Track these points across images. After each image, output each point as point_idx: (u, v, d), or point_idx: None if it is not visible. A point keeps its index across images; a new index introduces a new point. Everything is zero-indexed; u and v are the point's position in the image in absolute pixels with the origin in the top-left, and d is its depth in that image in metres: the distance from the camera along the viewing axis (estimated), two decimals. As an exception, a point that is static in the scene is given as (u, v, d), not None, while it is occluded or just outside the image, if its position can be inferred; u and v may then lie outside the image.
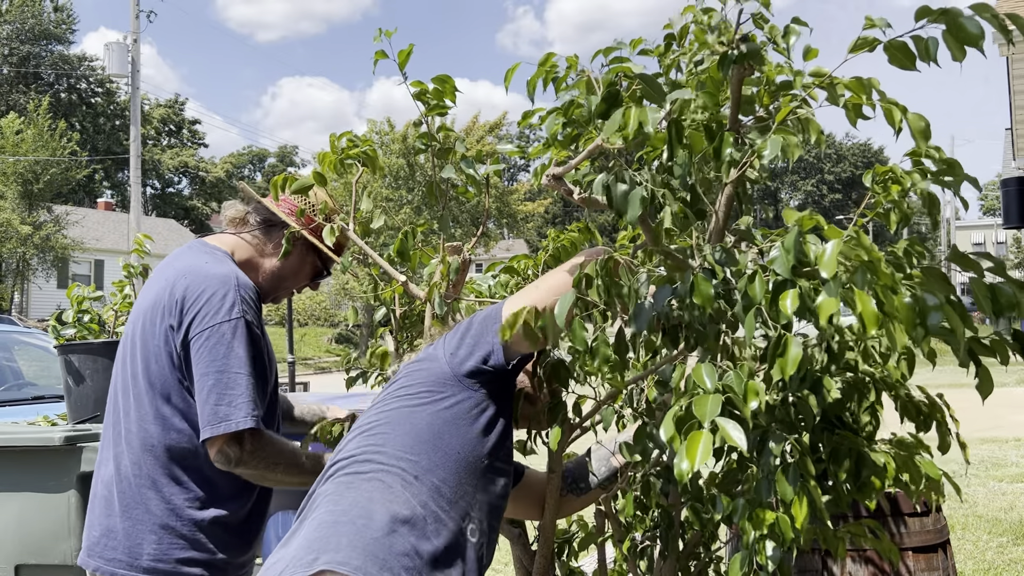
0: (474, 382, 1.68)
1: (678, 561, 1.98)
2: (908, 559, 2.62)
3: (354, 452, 1.64)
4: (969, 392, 1.50)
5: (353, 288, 29.70)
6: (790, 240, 1.34)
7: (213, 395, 1.88)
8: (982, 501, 6.94)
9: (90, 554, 2.00)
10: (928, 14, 1.28)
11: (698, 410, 1.34)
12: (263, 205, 2.19)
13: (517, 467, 1.97)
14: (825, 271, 1.25)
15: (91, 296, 3.26)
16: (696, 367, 1.42)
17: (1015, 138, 13.24)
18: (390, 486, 1.55)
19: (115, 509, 1.98)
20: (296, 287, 2.26)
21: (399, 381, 1.74)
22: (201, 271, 1.99)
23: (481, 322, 1.73)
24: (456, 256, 2.07)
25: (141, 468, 1.96)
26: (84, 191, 48.11)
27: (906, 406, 1.79)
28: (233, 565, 2.03)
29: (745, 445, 1.31)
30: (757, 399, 1.36)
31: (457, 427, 1.64)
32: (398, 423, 1.65)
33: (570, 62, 1.61)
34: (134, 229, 22.98)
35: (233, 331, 1.92)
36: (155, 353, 1.97)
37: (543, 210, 37.40)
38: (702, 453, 1.30)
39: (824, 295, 1.27)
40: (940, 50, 1.31)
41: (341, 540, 1.46)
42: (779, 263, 1.33)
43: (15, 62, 48.00)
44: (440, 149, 2.07)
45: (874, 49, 1.38)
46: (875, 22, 1.36)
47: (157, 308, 1.98)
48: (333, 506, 1.55)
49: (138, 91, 23.92)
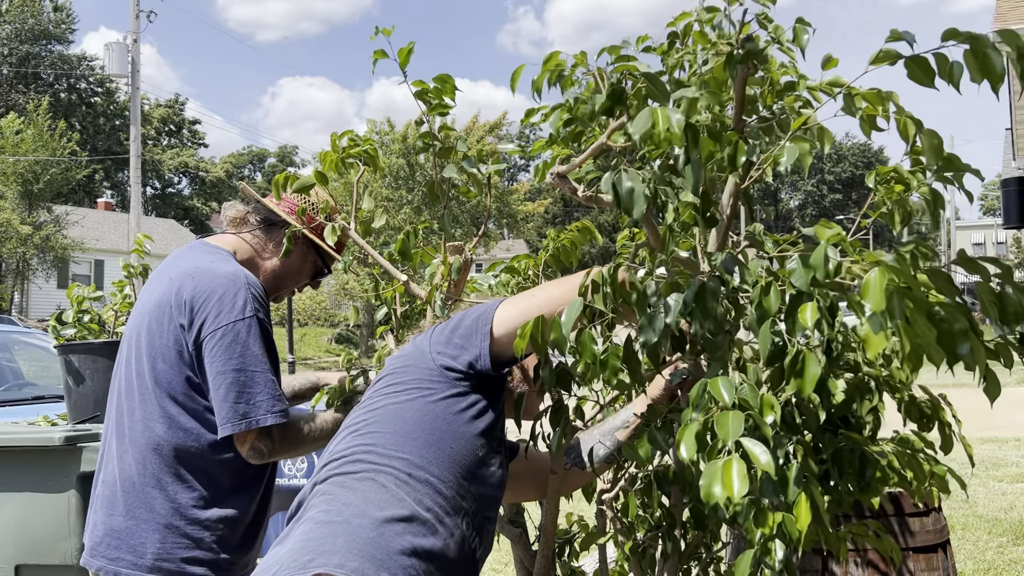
0: (461, 377, 1.68)
1: (680, 561, 1.98)
2: (908, 559, 2.62)
3: (344, 452, 1.63)
4: (970, 392, 1.50)
5: (353, 288, 29.70)
6: (819, 256, 1.31)
7: (232, 393, 1.91)
8: (982, 501, 6.93)
9: (93, 554, 2.00)
10: (956, 36, 1.26)
11: (720, 429, 1.32)
12: (263, 205, 2.20)
13: (511, 445, 1.96)
14: (872, 303, 1.19)
15: (91, 296, 3.26)
16: (713, 381, 1.40)
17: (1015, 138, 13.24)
18: (384, 485, 1.54)
19: (119, 509, 1.98)
20: (297, 286, 2.28)
21: (385, 378, 1.74)
22: (208, 270, 2.00)
23: (472, 323, 1.71)
24: (458, 256, 2.07)
25: (146, 467, 1.96)
26: (84, 191, 48.07)
27: (908, 406, 1.79)
28: (236, 564, 2.03)
29: (772, 468, 1.30)
30: (774, 413, 1.34)
31: (447, 422, 1.64)
32: (387, 421, 1.64)
33: (578, 59, 1.61)
34: (134, 229, 22.97)
35: (248, 329, 1.94)
36: (162, 352, 1.97)
37: (543, 210, 37.42)
38: (739, 483, 1.28)
39: (869, 328, 1.20)
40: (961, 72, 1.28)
41: (337, 541, 1.44)
42: (797, 276, 1.31)
43: (15, 62, 47.99)
44: (441, 149, 2.07)
45: (895, 63, 1.36)
46: (900, 35, 1.34)
47: (164, 308, 1.99)
48: (327, 506, 1.53)
49: (138, 91, 23.92)
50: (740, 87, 1.54)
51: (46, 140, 30.11)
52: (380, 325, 2.34)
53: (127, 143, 37.67)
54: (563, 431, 1.80)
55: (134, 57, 23.71)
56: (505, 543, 2.13)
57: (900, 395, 1.77)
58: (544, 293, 1.71)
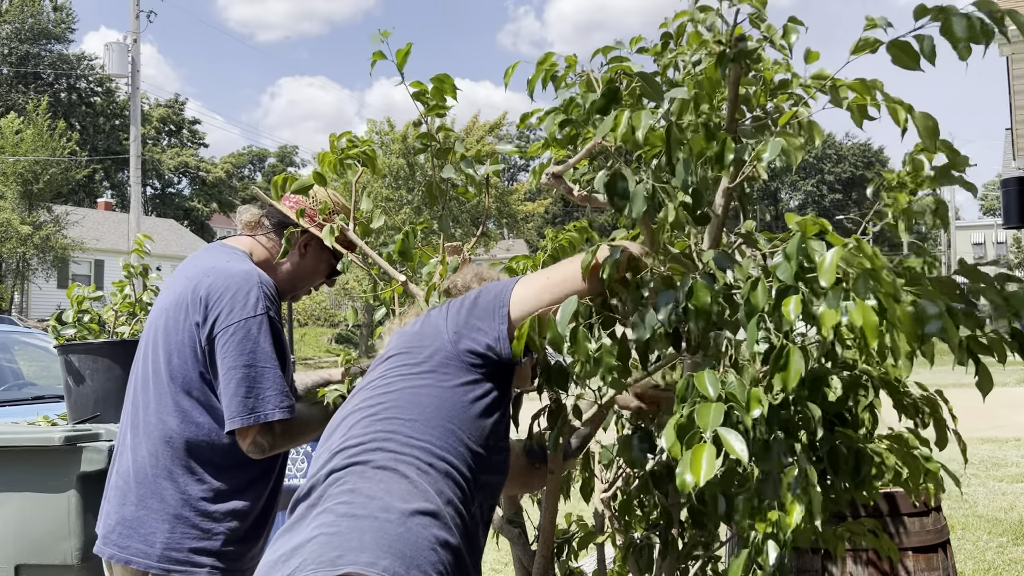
0: (478, 363, 1.66)
1: (677, 560, 1.98)
2: (908, 559, 2.62)
3: (363, 439, 1.59)
4: (969, 392, 1.50)
5: (353, 288, 29.70)
6: (792, 246, 1.32)
7: (242, 388, 1.96)
8: (982, 501, 6.94)
9: (105, 542, 2.07)
10: (926, 12, 1.28)
11: (700, 420, 1.33)
12: (276, 208, 2.26)
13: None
14: (824, 280, 1.23)
15: (91, 296, 3.26)
16: (699, 375, 1.41)
17: (1015, 138, 13.24)
18: (406, 475, 1.52)
19: (131, 499, 2.05)
20: (313, 285, 2.35)
21: (399, 356, 1.70)
22: (224, 269, 2.07)
23: (489, 303, 1.69)
24: (456, 256, 2.08)
25: (158, 459, 2.03)
26: (84, 191, 48.07)
27: (904, 403, 1.79)
28: (244, 556, 2.08)
29: (746, 456, 1.30)
30: (760, 407, 1.35)
31: (463, 408, 1.62)
32: (406, 406, 1.61)
33: (569, 61, 1.62)
34: (134, 229, 22.98)
35: (259, 326, 2.00)
36: (178, 348, 2.04)
37: (543, 210, 37.40)
38: (707, 467, 1.29)
39: (824, 305, 1.25)
40: (946, 49, 1.30)
41: (364, 537, 1.40)
42: (782, 269, 1.32)
43: (15, 62, 47.98)
44: (440, 149, 2.08)
45: (876, 50, 1.37)
46: (876, 22, 1.36)
47: (180, 305, 2.06)
48: (349, 498, 1.48)
49: (138, 91, 23.94)
50: (733, 86, 1.54)
51: (46, 140, 30.12)
52: (379, 325, 2.34)
53: (127, 143, 37.67)
54: (560, 430, 1.81)
55: (134, 57, 23.72)
56: (504, 543, 2.14)
57: (895, 391, 1.77)
58: (559, 272, 1.69)
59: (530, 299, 1.66)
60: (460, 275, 2.00)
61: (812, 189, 66.94)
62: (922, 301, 1.24)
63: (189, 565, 2.00)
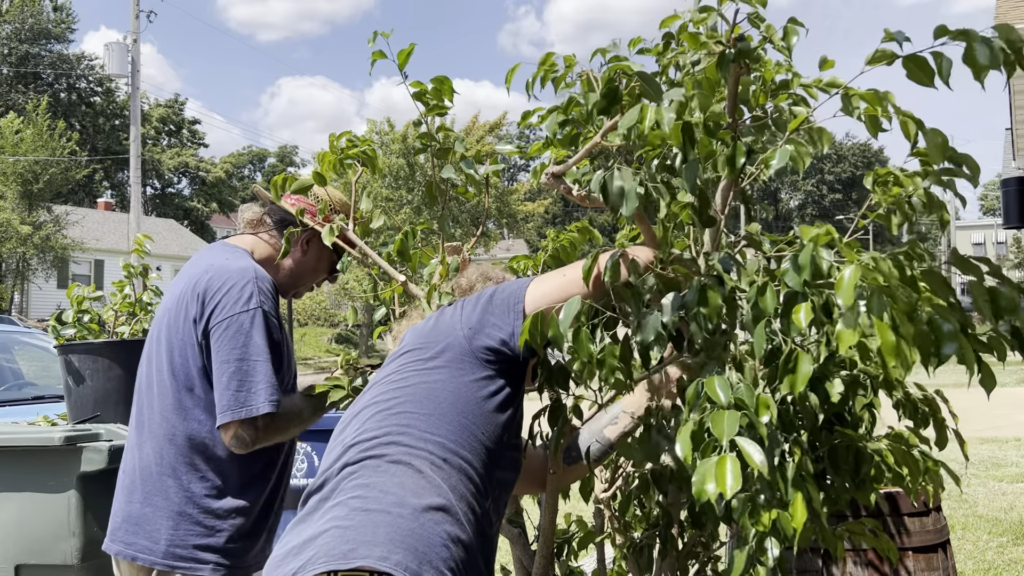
0: (492, 359, 1.66)
1: (677, 560, 1.98)
2: (908, 559, 2.62)
3: (377, 433, 1.58)
4: (969, 392, 1.50)
5: (353, 288, 29.69)
6: (805, 257, 1.31)
7: (234, 382, 1.97)
8: (982, 501, 6.94)
9: (112, 539, 2.10)
10: (946, 33, 1.27)
11: (715, 428, 1.33)
12: (278, 206, 2.28)
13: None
14: (843, 299, 1.21)
15: (91, 296, 3.26)
16: (709, 380, 1.40)
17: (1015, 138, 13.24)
18: (419, 470, 1.51)
19: (136, 496, 2.08)
20: (316, 281, 2.37)
21: (412, 352, 1.70)
22: (222, 266, 2.09)
23: (504, 300, 1.69)
24: (456, 256, 2.08)
25: (163, 457, 2.06)
26: (84, 191, 48.07)
27: (904, 403, 1.79)
28: (248, 553, 2.10)
29: (766, 467, 1.30)
30: (769, 412, 1.35)
31: (477, 404, 1.62)
32: (421, 401, 1.61)
33: (568, 61, 1.62)
34: (134, 229, 22.98)
35: (252, 320, 2.01)
36: (179, 347, 2.06)
37: (543, 210, 37.38)
38: (732, 479, 1.28)
39: (842, 324, 1.22)
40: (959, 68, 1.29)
41: (378, 531, 1.40)
42: (791, 278, 1.32)
43: (14, 62, 47.98)
44: (440, 149, 2.09)
45: (892, 63, 1.37)
46: (893, 35, 1.35)
47: (181, 303, 2.08)
48: (363, 492, 1.48)
49: (138, 91, 23.93)
50: (733, 86, 1.54)
51: (46, 140, 30.12)
52: (379, 325, 2.34)
53: (127, 143, 37.69)
54: (561, 431, 1.81)
55: (134, 57, 23.71)
56: (504, 543, 2.14)
57: (896, 392, 1.77)
58: (574, 271, 1.69)
59: (546, 297, 1.66)
60: (465, 275, 2.01)
61: (812, 189, 66.97)
62: (937, 319, 1.22)
63: (193, 561, 2.02)
